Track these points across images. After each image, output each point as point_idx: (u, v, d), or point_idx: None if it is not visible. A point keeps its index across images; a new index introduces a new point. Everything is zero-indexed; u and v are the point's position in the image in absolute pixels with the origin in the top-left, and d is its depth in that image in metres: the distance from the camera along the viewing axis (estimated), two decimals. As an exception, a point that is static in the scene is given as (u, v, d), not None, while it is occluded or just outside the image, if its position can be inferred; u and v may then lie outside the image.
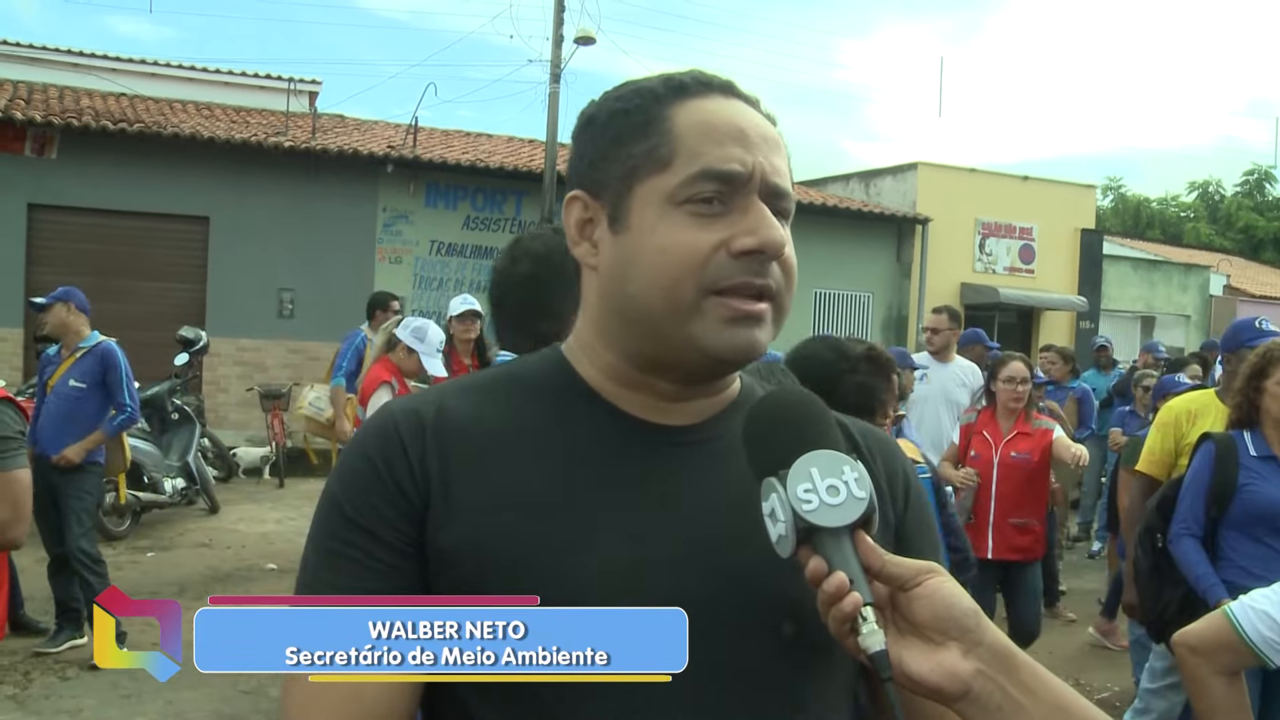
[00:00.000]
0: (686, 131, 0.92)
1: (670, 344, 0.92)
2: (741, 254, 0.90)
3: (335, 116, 16.82)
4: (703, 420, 0.98)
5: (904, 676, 0.80)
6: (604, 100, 0.99)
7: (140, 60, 16.34)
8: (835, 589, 0.79)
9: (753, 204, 0.91)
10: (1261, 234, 35.72)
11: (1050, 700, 0.82)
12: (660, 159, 0.91)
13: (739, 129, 0.92)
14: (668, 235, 0.90)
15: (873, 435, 1.08)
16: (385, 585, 0.88)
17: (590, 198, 0.96)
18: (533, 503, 0.90)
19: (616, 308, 0.95)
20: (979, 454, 5.01)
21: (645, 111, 0.94)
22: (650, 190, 0.91)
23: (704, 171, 0.90)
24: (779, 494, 0.83)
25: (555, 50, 13.93)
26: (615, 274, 0.94)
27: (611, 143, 0.95)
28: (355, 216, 13.54)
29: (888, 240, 17.49)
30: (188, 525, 8.26)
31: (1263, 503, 3.16)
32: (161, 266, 12.42)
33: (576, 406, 0.97)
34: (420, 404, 0.95)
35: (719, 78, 0.97)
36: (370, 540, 0.89)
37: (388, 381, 4.67)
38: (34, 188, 12.06)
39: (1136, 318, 20.55)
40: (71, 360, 5.43)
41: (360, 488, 0.91)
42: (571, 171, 0.99)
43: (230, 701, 4.67)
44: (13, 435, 2.67)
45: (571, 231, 0.98)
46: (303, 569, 0.92)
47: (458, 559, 0.88)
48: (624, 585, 0.87)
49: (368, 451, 0.92)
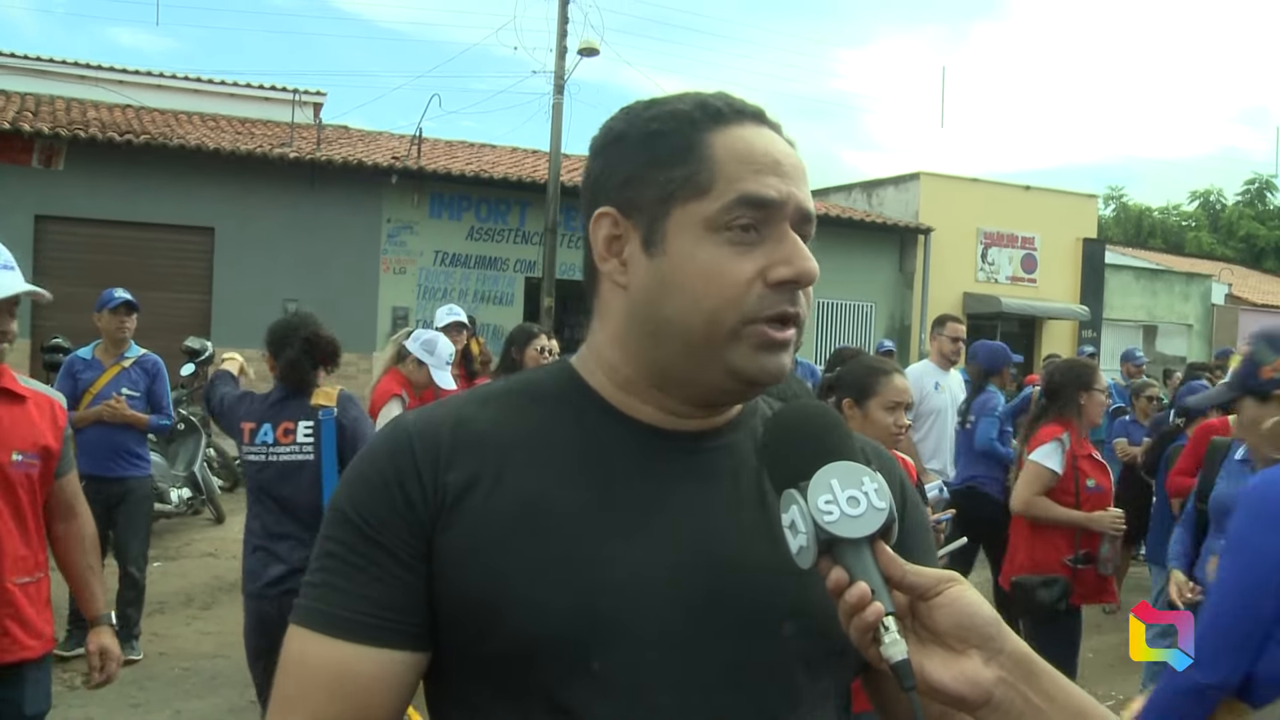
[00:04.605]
0: (726, 159, 0.93)
1: (703, 366, 0.94)
2: (779, 284, 0.92)
3: (340, 128, 16.89)
4: (713, 427, 1.00)
5: (926, 685, 0.81)
6: (634, 119, 0.99)
7: (146, 72, 16.45)
8: (857, 599, 0.80)
9: (786, 233, 0.93)
10: (1263, 243, 35.74)
11: (1070, 707, 0.83)
12: (699, 185, 0.92)
13: (774, 159, 0.94)
14: (708, 263, 0.91)
15: (867, 442, 1.10)
16: (388, 594, 0.90)
17: (622, 216, 0.96)
18: (553, 509, 0.91)
19: (650, 329, 0.95)
20: (1100, 485, 4.15)
21: (684, 136, 0.94)
22: (688, 215, 0.93)
23: (743, 198, 0.91)
24: (800, 505, 0.83)
25: (559, 61, 13.98)
26: (650, 295, 0.94)
27: (646, 164, 0.95)
28: (359, 227, 13.59)
29: (890, 250, 17.51)
30: (193, 535, 8.27)
31: (1218, 499, 3.26)
32: (167, 277, 12.45)
33: (591, 415, 0.98)
34: (437, 417, 0.97)
35: (750, 105, 0.99)
36: (375, 549, 0.91)
37: (398, 394, 4.67)
38: (41, 199, 12.12)
39: (1139, 327, 20.54)
40: (118, 369, 5.37)
41: (369, 499, 0.92)
42: (597, 187, 0.99)
43: (238, 711, 4.68)
44: None
45: (599, 247, 0.98)
46: (309, 573, 0.94)
47: (471, 560, 0.89)
48: (631, 584, 0.90)
49: (380, 462, 0.94)
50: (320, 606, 0.91)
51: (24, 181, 12.04)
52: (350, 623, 0.90)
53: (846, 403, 3.07)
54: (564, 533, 0.90)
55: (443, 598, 0.91)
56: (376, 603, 0.90)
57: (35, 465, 2.55)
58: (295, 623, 0.92)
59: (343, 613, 0.90)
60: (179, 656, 5.23)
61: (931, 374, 5.97)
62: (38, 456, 2.55)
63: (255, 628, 3.44)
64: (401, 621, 0.90)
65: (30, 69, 15.48)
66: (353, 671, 0.89)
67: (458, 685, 0.94)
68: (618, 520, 0.92)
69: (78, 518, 2.73)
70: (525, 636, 0.88)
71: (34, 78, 15.24)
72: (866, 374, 3.12)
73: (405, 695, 0.92)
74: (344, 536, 0.92)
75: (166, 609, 6.26)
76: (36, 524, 2.61)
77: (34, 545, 2.59)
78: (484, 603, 0.89)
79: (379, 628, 0.90)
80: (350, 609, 0.90)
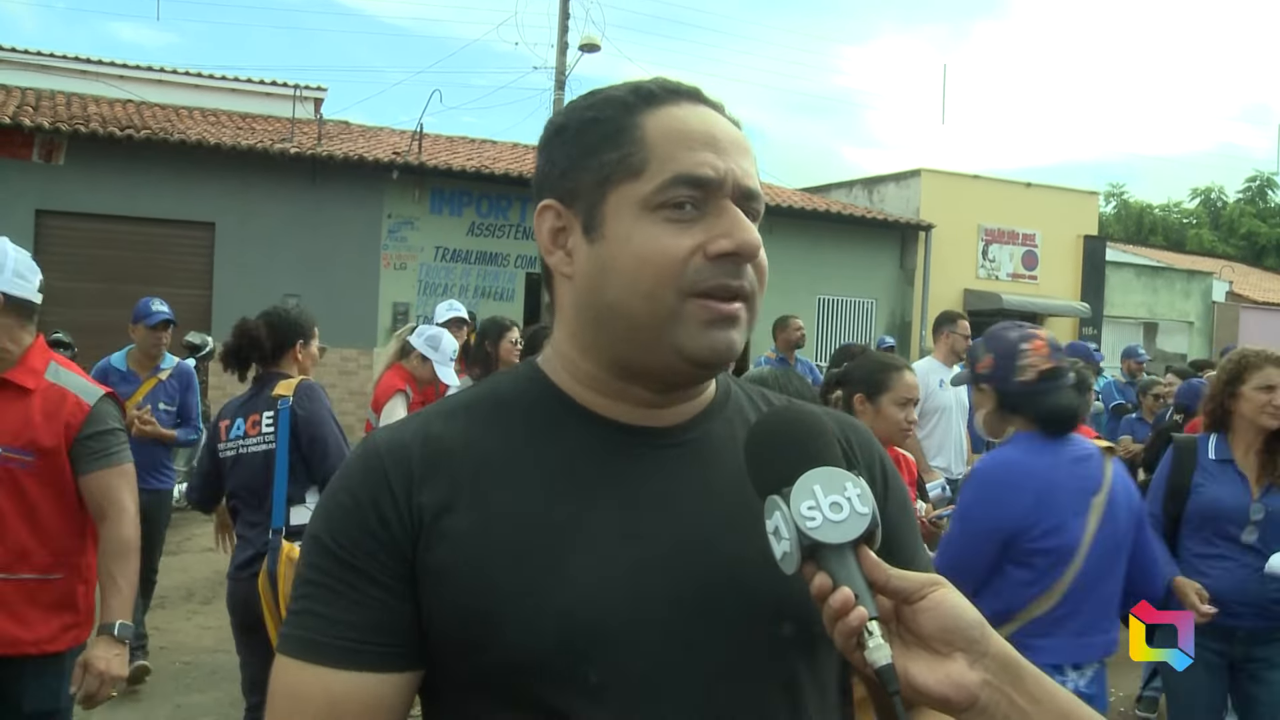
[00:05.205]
0: (658, 139, 0.93)
1: (650, 349, 0.93)
2: (718, 257, 0.91)
3: (340, 123, 16.87)
4: (683, 422, 0.99)
5: (911, 689, 0.81)
6: (572, 109, 1.00)
7: (147, 67, 16.41)
8: (841, 604, 0.80)
9: (726, 207, 0.92)
10: (1264, 240, 35.70)
11: (1055, 709, 0.83)
12: (633, 167, 0.92)
13: (710, 135, 0.93)
14: (644, 242, 0.91)
15: (847, 423, 1.10)
16: (369, 617, 0.90)
17: (563, 206, 0.96)
18: (527, 516, 0.91)
19: (594, 316, 0.95)
20: None
21: (616, 121, 0.95)
22: (624, 197, 0.92)
23: (677, 177, 0.91)
24: (782, 511, 0.83)
25: (560, 57, 13.99)
26: (592, 282, 0.94)
27: (583, 152, 0.95)
28: (360, 222, 13.57)
29: (891, 247, 17.49)
30: (194, 530, 8.28)
31: (1207, 503, 3.25)
32: (168, 272, 12.44)
33: (558, 418, 0.98)
34: (405, 435, 0.96)
35: (685, 85, 0.99)
36: (353, 573, 0.90)
37: (402, 389, 4.68)
38: (41, 194, 12.10)
39: (1139, 324, 20.53)
40: (154, 383, 5.21)
41: (344, 523, 0.91)
42: (542, 180, 0.99)
43: (239, 705, 4.67)
44: (121, 428, 2.66)
45: (544, 241, 0.98)
46: (291, 602, 0.94)
47: (458, 578, 0.89)
48: (621, 587, 0.89)
49: (353, 487, 0.93)
50: (303, 634, 0.90)
51: (25, 176, 12.02)
52: (334, 649, 0.89)
53: (858, 398, 3.12)
54: (547, 546, 0.90)
55: (432, 617, 0.90)
56: (359, 627, 0.89)
57: (27, 461, 2.48)
58: (281, 653, 0.92)
59: (325, 639, 0.89)
60: (180, 651, 5.25)
61: (937, 371, 5.95)
62: (27, 452, 2.48)
63: (231, 607, 3.51)
64: (386, 644, 0.90)
65: (31, 64, 15.45)
66: (342, 697, 0.88)
67: (453, 701, 0.93)
68: (599, 528, 0.91)
69: (106, 520, 2.58)
70: (519, 652, 0.87)
71: (35, 72, 15.21)
72: (878, 370, 3.16)
73: (399, 716, 0.91)
74: (321, 563, 0.91)
75: (167, 604, 6.28)
76: (60, 521, 2.55)
77: (50, 543, 2.54)
78: (475, 621, 0.88)
79: (363, 652, 0.89)
80: (333, 635, 0.89)
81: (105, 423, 2.60)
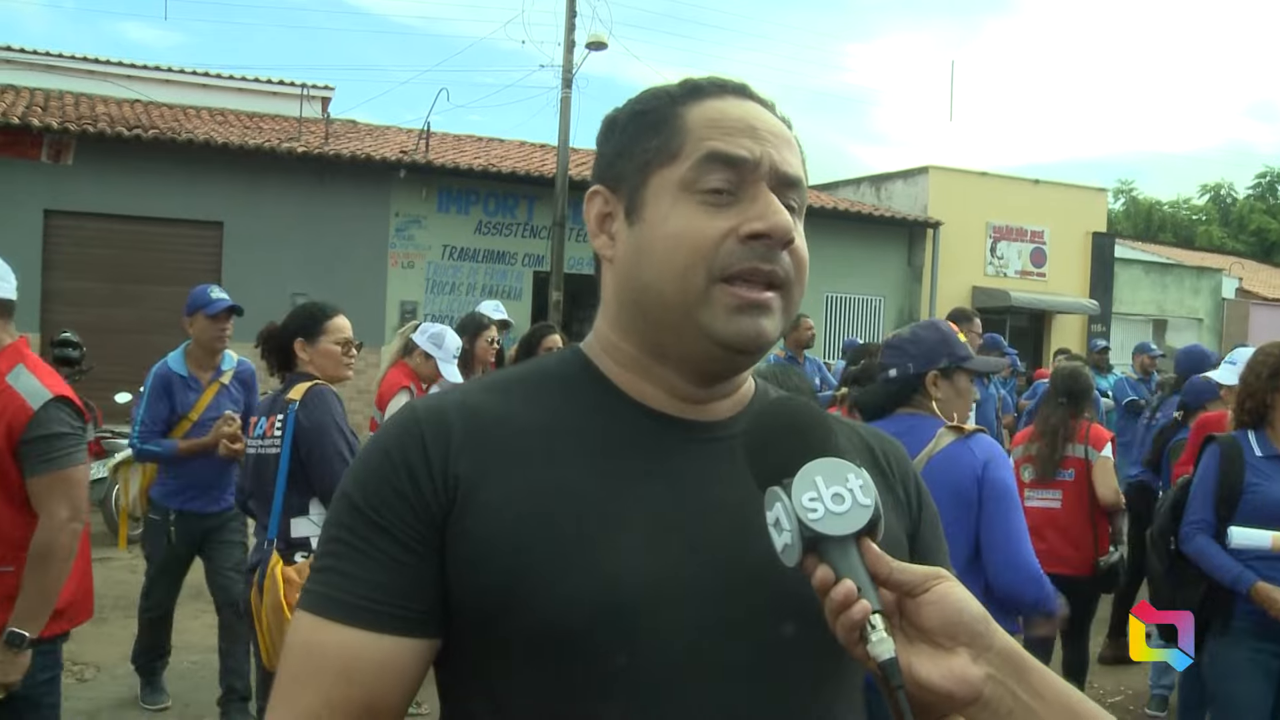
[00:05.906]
0: (697, 124, 0.95)
1: (680, 332, 0.93)
2: (750, 238, 0.91)
3: (348, 122, 16.92)
4: (723, 419, 0.99)
5: (915, 683, 0.79)
6: (626, 105, 1.03)
7: (155, 67, 16.48)
8: (843, 597, 0.79)
9: (761, 192, 0.93)
10: (1274, 236, 35.59)
11: (1060, 704, 0.82)
12: (671, 151, 0.95)
13: (748, 123, 0.95)
14: (679, 222, 0.92)
15: (885, 440, 1.10)
16: (392, 580, 0.89)
17: (609, 192, 1.00)
18: (567, 495, 0.90)
19: (632, 298, 0.97)
20: None
21: (660, 111, 0.98)
22: (662, 180, 0.94)
23: (711, 153, 0.92)
24: (783, 503, 0.81)
25: (567, 55, 13.96)
26: (630, 264, 0.96)
27: (629, 140, 0.99)
28: (368, 221, 13.60)
29: (899, 244, 17.46)
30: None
31: (1269, 503, 3.15)
32: (175, 271, 12.45)
33: (600, 401, 0.98)
34: (446, 405, 0.95)
35: (735, 81, 1.01)
36: (380, 534, 0.89)
37: (406, 386, 4.69)
38: (50, 194, 12.15)
39: (1148, 321, 20.46)
40: (217, 388, 4.57)
41: (376, 484, 0.91)
42: (595, 170, 1.04)
43: (246, 704, 4.69)
44: (70, 432, 2.61)
45: (592, 225, 1.02)
46: (316, 558, 0.94)
47: (494, 548, 0.88)
48: (659, 573, 0.88)
49: (388, 447, 0.93)
50: (328, 592, 0.90)
51: (33, 176, 12.07)
52: (358, 609, 0.88)
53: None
54: (587, 523, 0.89)
55: (458, 588, 0.89)
56: (382, 587, 0.89)
57: None
58: (302, 607, 0.91)
59: (347, 597, 0.89)
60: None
61: None
62: None
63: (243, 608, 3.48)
64: (409, 609, 0.89)
65: (39, 64, 15.53)
66: (357, 657, 0.88)
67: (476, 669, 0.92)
68: (640, 513, 0.91)
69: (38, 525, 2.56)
70: (551, 628, 0.86)
71: (43, 73, 15.28)
72: None
73: (414, 681, 0.91)
74: (351, 523, 0.91)
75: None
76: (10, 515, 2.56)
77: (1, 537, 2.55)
78: (504, 596, 0.87)
79: (387, 615, 0.88)
80: (357, 595, 0.89)
81: (49, 427, 2.56)
